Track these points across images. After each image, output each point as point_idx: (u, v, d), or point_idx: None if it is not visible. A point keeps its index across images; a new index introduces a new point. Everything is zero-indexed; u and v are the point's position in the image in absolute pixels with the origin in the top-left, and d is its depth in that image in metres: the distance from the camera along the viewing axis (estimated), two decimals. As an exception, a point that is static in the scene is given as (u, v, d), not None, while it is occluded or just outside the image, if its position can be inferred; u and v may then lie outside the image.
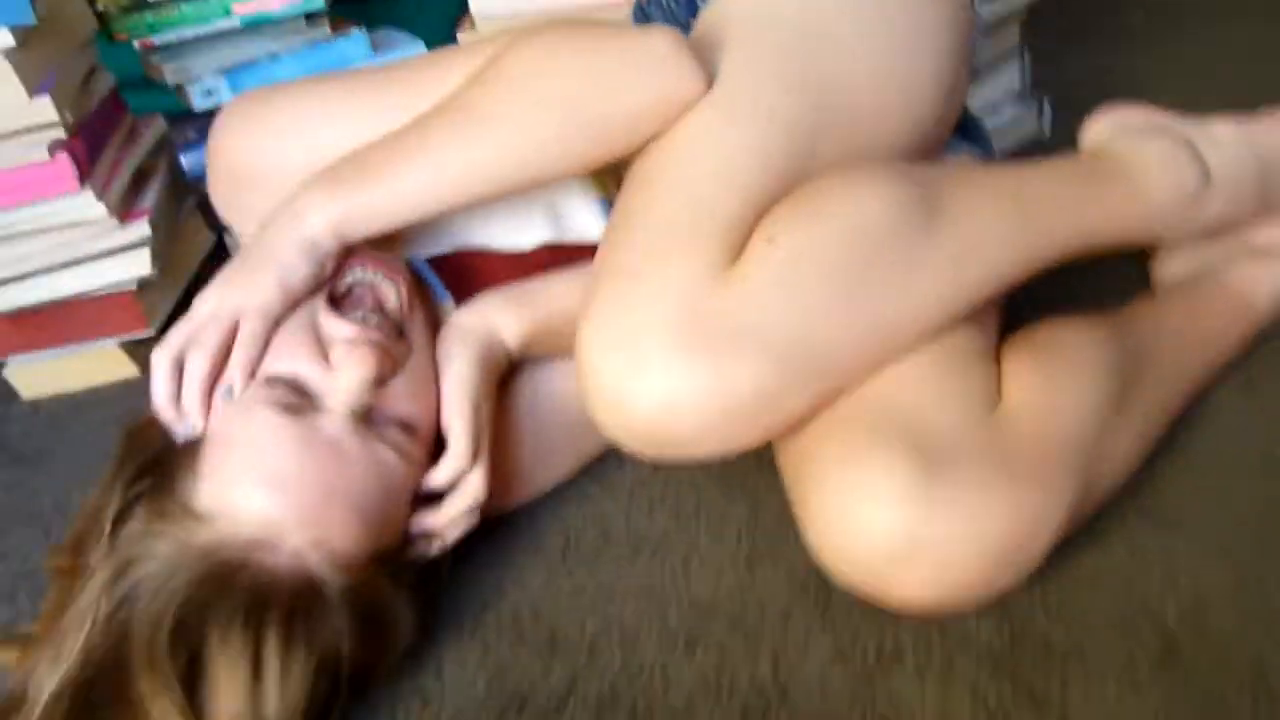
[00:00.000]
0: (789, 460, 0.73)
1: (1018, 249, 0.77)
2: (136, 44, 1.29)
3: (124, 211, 1.13)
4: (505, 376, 0.84)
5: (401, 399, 0.74)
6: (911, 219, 0.71)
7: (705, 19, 0.84)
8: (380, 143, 0.79)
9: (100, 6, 1.25)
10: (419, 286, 0.84)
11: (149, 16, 1.27)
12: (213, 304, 0.75)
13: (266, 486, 0.67)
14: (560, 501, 0.89)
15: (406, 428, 0.74)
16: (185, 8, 1.28)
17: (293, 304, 0.76)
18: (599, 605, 0.79)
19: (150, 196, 1.19)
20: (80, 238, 1.10)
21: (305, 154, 0.82)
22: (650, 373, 0.65)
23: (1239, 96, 1.11)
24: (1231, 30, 1.62)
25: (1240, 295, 0.90)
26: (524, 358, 0.84)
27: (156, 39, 1.29)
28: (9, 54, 1.00)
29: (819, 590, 0.76)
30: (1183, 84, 1.44)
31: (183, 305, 1.16)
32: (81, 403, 1.17)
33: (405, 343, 0.77)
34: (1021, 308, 0.83)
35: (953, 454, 0.66)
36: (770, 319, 0.66)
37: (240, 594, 0.64)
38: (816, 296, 0.67)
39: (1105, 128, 0.91)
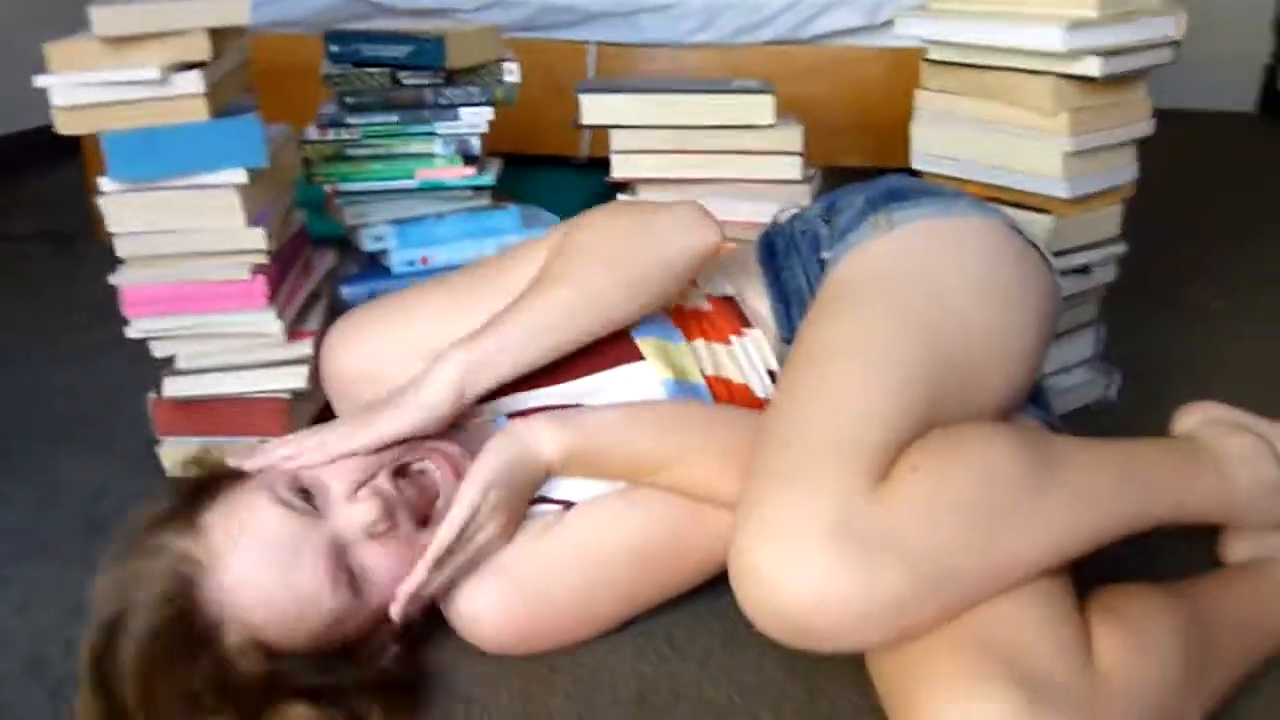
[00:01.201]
0: (895, 667, 0.83)
1: (1119, 509, 0.89)
2: (327, 187, 1.49)
3: (293, 331, 1.29)
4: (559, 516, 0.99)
5: (382, 558, 0.88)
6: (1032, 471, 0.84)
7: (843, 273, 1.00)
8: (496, 314, 0.98)
9: (307, 153, 1.45)
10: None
11: (344, 168, 1.47)
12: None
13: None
14: (638, 658, 1.00)
15: (364, 580, 0.88)
16: (376, 165, 1.47)
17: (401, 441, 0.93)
18: (664, 755, 0.89)
19: (314, 320, 1.35)
20: (255, 347, 1.26)
21: (413, 352, 1.01)
22: (805, 569, 0.76)
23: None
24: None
25: None
26: (564, 474, 0.98)
27: (345, 186, 1.48)
28: (240, 189, 1.18)
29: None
30: (1247, 370, 1.57)
31: (322, 417, 1.30)
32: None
33: (421, 531, 0.91)
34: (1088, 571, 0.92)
35: (1054, 695, 0.75)
36: (911, 537, 0.78)
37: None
38: (950, 523, 0.79)
39: (1196, 418, 1.04)
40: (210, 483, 0.90)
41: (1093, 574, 0.89)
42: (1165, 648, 0.84)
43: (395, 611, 0.89)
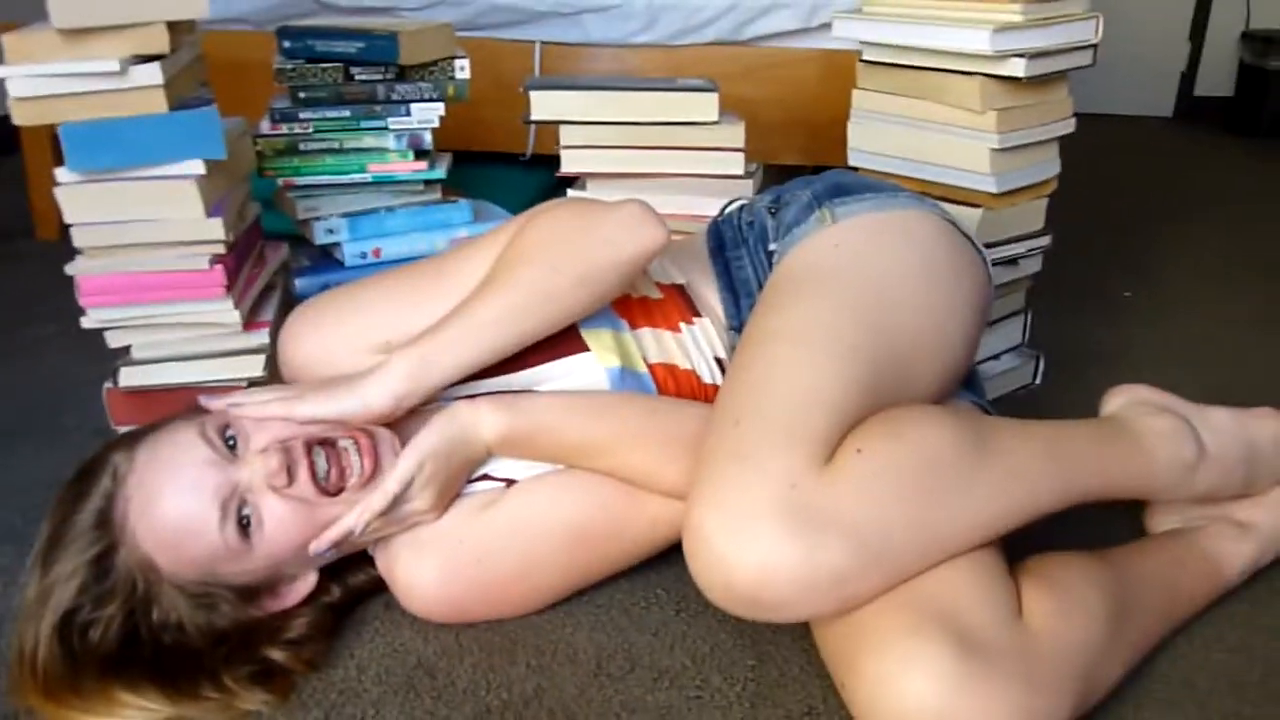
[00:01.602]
0: (840, 630, 0.88)
1: (1047, 486, 0.95)
2: (280, 181, 1.51)
3: (249, 321, 1.31)
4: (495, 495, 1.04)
5: (277, 510, 0.92)
6: (968, 451, 0.90)
7: (790, 264, 1.06)
8: (445, 316, 1.02)
9: (259, 146, 1.47)
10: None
11: (297, 161, 1.49)
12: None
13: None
14: (595, 629, 1.04)
15: (255, 528, 0.93)
16: (329, 159, 1.50)
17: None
18: (624, 715, 0.93)
19: (269, 310, 1.37)
20: (211, 337, 1.28)
21: (367, 344, 1.05)
22: (754, 545, 0.81)
23: (1205, 374, 1.31)
24: (1209, 323, 1.85)
25: (1215, 564, 1.07)
26: (502, 455, 1.02)
27: (298, 180, 1.50)
28: (199, 180, 1.20)
29: (811, 732, 0.91)
30: (1158, 355, 1.67)
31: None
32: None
33: (329, 502, 0.94)
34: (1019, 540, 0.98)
35: (985, 648, 0.81)
36: (855, 514, 0.83)
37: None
38: (892, 501, 0.85)
39: (1121, 400, 1.11)
40: (170, 418, 0.97)
41: (1022, 542, 0.96)
42: (1090, 609, 0.91)
43: (313, 548, 0.94)
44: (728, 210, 1.25)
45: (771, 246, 1.13)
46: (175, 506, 0.90)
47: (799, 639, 1.02)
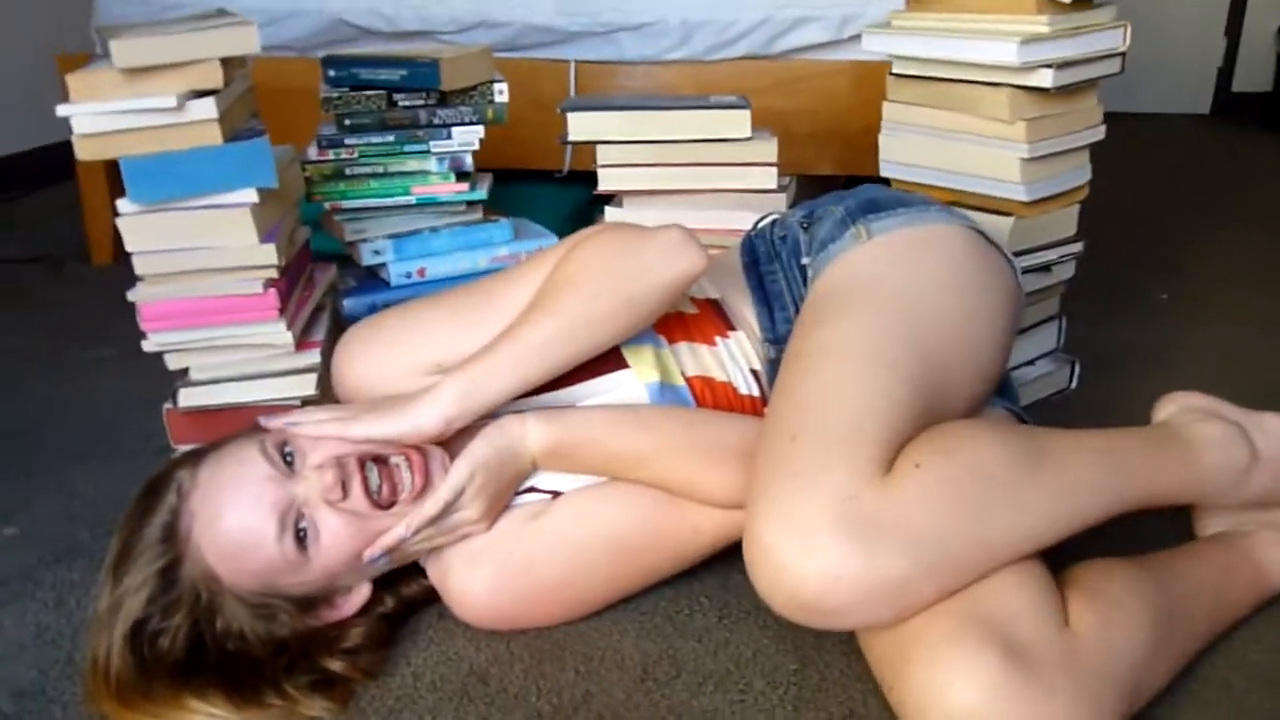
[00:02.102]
0: (889, 637, 0.90)
1: (1100, 495, 0.97)
2: (327, 205, 1.56)
3: (301, 341, 1.36)
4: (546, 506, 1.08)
5: (332, 523, 0.96)
6: (1022, 464, 0.93)
7: (830, 279, 1.09)
8: (492, 341, 1.05)
9: (307, 172, 1.52)
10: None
11: (343, 186, 1.54)
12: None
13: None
14: (641, 635, 1.08)
15: (312, 541, 0.96)
16: (374, 183, 1.55)
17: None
18: (669, 719, 0.96)
19: (319, 331, 1.42)
20: (266, 358, 1.33)
21: (419, 366, 1.08)
22: (816, 555, 0.84)
23: (1242, 377, 1.31)
24: (1245, 326, 1.85)
25: (1262, 570, 1.08)
26: (548, 467, 1.06)
27: (344, 203, 1.55)
28: (252, 209, 1.25)
29: (852, 734, 0.93)
30: (1196, 359, 1.67)
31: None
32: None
33: (382, 515, 0.98)
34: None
35: (1033, 658, 0.83)
36: (915, 526, 0.86)
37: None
38: (949, 513, 0.88)
39: (1173, 407, 1.13)
40: (231, 436, 1.02)
41: (1070, 546, 0.97)
42: (1135, 617, 0.92)
43: (367, 555, 0.99)
44: (760, 225, 1.28)
45: (804, 260, 1.16)
46: (236, 520, 0.95)
47: (840, 643, 1.05)
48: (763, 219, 1.30)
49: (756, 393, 1.15)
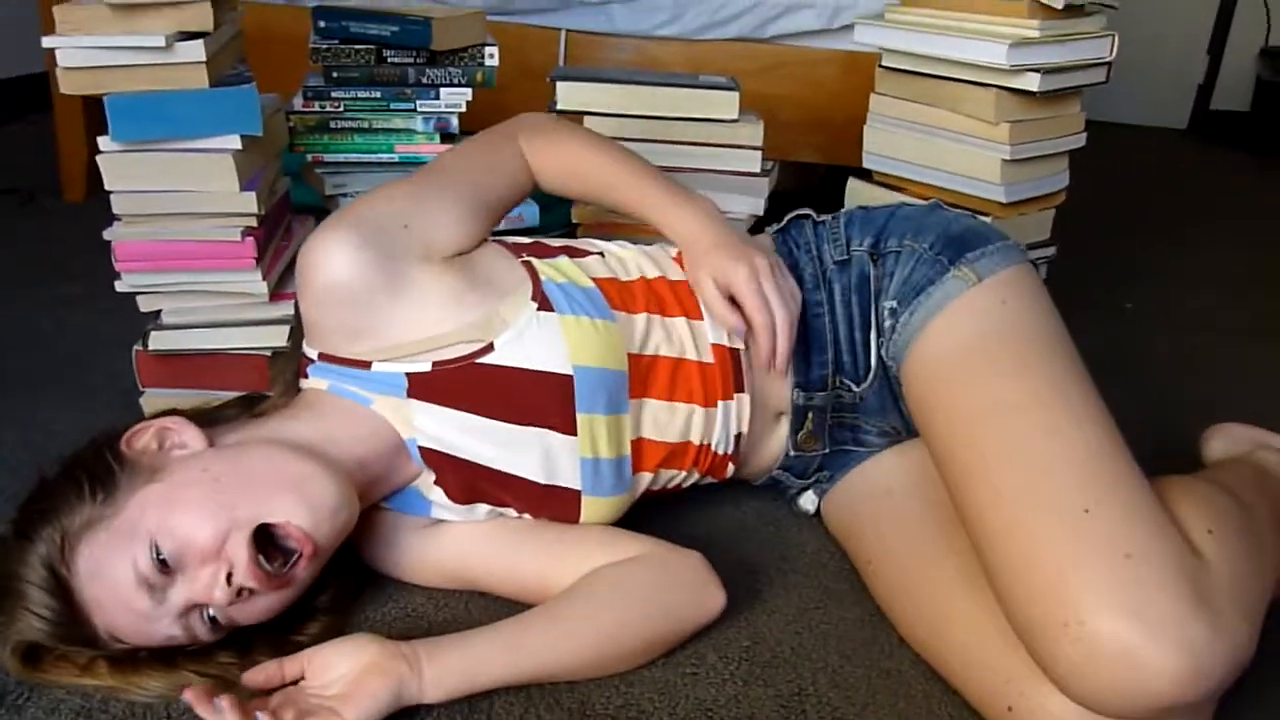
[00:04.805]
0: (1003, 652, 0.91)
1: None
2: (309, 156, 1.55)
3: (276, 292, 1.36)
4: None
5: (241, 609, 0.93)
6: (1243, 506, 0.99)
7: (958, 327, 1.06)
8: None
9: (292, 123, 1.51)
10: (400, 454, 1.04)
11: (327, 139, 1.53)
12: None
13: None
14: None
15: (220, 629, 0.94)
16: (357, 138, 1.54)
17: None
18: (622, 689, 0.98)
19: (294, 283, 1.42)
20: (239, 306, 1.33)
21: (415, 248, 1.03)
22: (1184, 646, 0.79)
23: (1199, 386, 1.34)
24: (1206, 335, 1.89)
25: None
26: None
27: (327, 156, 1.54)
28: (235, 155, 1.24)
29: (800, 713, 0.95)
30: (1154, 366, 1.71)
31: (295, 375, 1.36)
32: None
33: (282, 592, 0.94)
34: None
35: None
36: (1240, 591, 0.86)
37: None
38: (1251, 569, 0.90)
39: (1221, 441, 1.20)
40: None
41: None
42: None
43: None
44: (793, 227, 1.21)
45: (890, 304, 1.11)
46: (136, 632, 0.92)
47: (791, 622, 1.07)
48: (789, 219, 1.22)
49: (731, 451, 1.13)
